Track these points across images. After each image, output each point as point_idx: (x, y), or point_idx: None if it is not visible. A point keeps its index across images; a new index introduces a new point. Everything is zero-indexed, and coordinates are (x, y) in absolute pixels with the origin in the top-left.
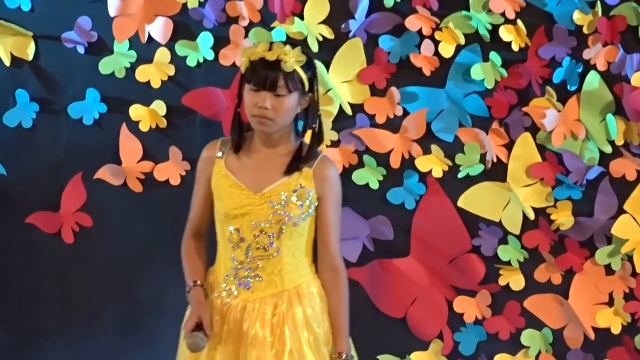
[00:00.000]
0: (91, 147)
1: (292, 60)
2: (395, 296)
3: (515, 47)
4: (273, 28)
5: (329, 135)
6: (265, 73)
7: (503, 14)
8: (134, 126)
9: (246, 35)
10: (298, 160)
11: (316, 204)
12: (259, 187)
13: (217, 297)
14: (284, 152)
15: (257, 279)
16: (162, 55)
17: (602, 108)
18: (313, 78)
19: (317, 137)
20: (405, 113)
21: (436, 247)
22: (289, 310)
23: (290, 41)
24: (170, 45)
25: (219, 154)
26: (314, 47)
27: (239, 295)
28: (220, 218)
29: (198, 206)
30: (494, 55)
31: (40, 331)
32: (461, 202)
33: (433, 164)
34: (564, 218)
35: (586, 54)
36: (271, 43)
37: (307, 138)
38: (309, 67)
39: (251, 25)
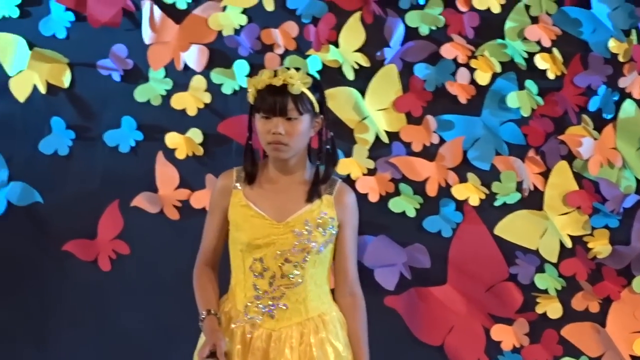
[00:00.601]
0: (127, 175)
1: (299, 82)
2: (433, 324)
3: (551, 75)
4: (308, 56)
5: (366, 163)
6: (273, 99)
7: (539, 42)
8: (170, 154)
9: (281, 63)
10: (317, 186)
11: (337, 231)
12: (282, 216)
13: (237, 327)
14: (302, 178)
15: (282, 307)
16: (198, 83)
17: (638, 136)
18: (322, 100)
19: (332, 159)
20: (442, 141)
21: (473, 275)
22: (316, 336)
23: (293, 67)
24: (205, 73)
25: (236, 184)
26: (350, 75)
27: (263, 324)
28: (240, 248)
29: (212, 236)
30: (529, 84)
31: (77, 359)
32: (498, 231)
33: (470, 192)
34: (601, 246)
35: (622, 82)
36: (275, 70)
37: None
38: (316, 88)
39: (286, 53)
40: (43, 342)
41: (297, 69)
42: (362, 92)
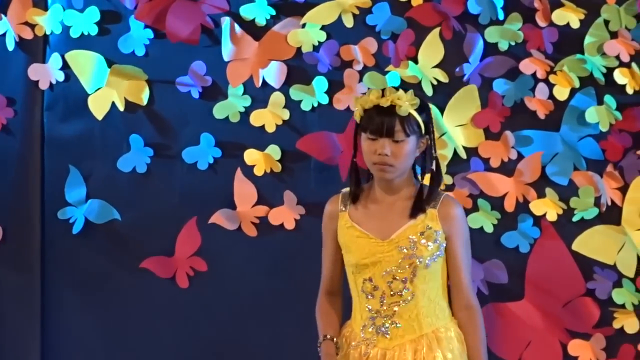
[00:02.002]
0: (206, 192)
1: (407, 104)
2: (510, 339)
3: (629, 90)
4: (387, 72)
5: (444, 179)
6: (381, 120)
7: (617, 57)
8: (248, 171)
9: (360, 80)
10: (421, 202)
11: (445, 244)
12: (386, 234)
13: (355, 348)
14: (406, 196)
15: (395, 325)
16: (277, 99)
17: None
18: (428, 120)
19: (437, 179)
20: (520, 157)
21: (550, 290)
22: (429, 354)
23: (401, 86)
24: (284, 89)
25: (342, 207)
26: (428, 91)
27: (377, 344)
28: (351, 270)
29: (329, 263)
30: (608, 99)
31: None
32: (576, 246)
33: (547, 207)
34: None
35: None
36: (383, 90)
37: (426, 180)
38: (423, 109)
39: (365, 69)
40: (121, 359)
41: (405, 89)
42: (441, 108)
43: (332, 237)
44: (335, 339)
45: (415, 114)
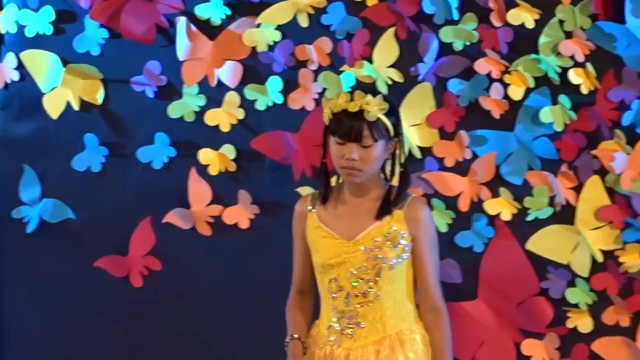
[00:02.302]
0: (160, 191)
1: (375, 109)
2: (463, 339)
3: (584, 90)
4: (342, 72)
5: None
6: (349, 124)
7: (572, 57)
8: (203, 170)
9: (315, 79)
10: (388, 204)
11: (411, 246)
12: (352, 234)
13: (321, 349)
14: (373, 197)
15: (359, 326)
16: (232, 99)
17: None
18: (397, 123)
19: (405, 180)
20: (474, 156)
21: (504, 290)
22: (391, 356)
23: (370, 88)
24: (239, 89)
25: (310, 207)
26: (384, 91)
27: (342, 344)
28: (318, 270)
29: (299, 263)
30: (563, 99)
31: None
32: (530, 245)
33: (502, 207)
34: (632, 261)
35: None
36: (351, 93)
37: (395, 182)
38: (392, 113)
39: (320, 69)
40: (77, 357)
41: (374, 93)
42: None
43: (301, 237)
44: (302, 339)
45: (384, 118)
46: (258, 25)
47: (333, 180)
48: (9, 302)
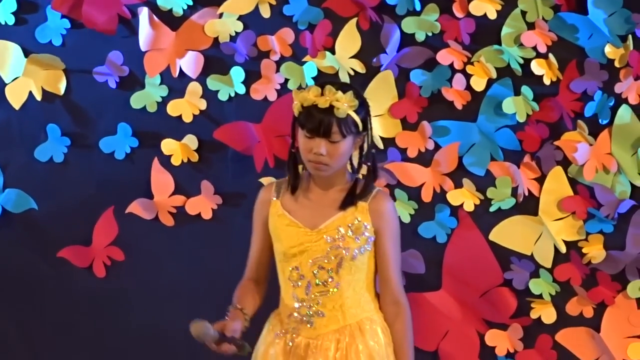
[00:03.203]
0: (123, 182)
1: (345, 106)
2: (427, 330)
3: (546, 81)
4: (305, 62)
5: (361, 169)
6: (318, 119)
7: (535, 48)
8: (165, 160)
9: (277, 70)
10: (353, 196)
11: (373, 238)
12: (315, 223)
13: (280, 337)
14: (339, 188)
15: (319, 315)
16: (194, 89)
17: (633, 142)
18: (366, 117)
19: (373, 173)
20: (437, 147)
21: (468, 280)
22: (352, 344)
23: (340, 83)
24: (201, 79)
25: (275, 195)
26: (346, 81)
27: (301, 333)
28: (279, 258)
29: (255, 250)
30: (525, 89)
31: None
32: (493, 236)
33: (465, 197)
34: (595, 251)
35: (618, 88)
36: (322, 87)
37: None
38: (362, 108)
39: (282, 59)
40: (39, 349)
41: (345, 89)
42: None
43: (262, 224)
44: (244, 310)
45: (354, 114)
46: (220, 16)
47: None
48: None
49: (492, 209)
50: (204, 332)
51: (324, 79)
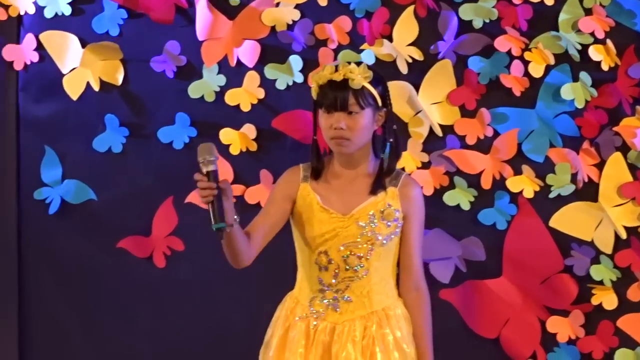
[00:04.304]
0: (181, 172)
1: (359, 77)
2: (488, 317)
3: (605, 67)
4: (362, 50)
5: (420, 157)
6: (334, 94)
7: (592, 34)
8: (224, 150)
9: (335, 58)
10: (381, 178)
11: (402, 223)
12: (347, 209)
13: (302, 320)
14: (366, 171)
15: (346, 300)
16: (252, 78)
17: None
18: (385, 93)
19: (395, 152)
20: (496, 134)
21: (528, 267)
22: (379, 331)
23: (355, 62)
24: (259, 68)
25: (303, 178)
26: (403, 69)
27: (327, 317)
28: (304, 242)
29: (265, 220)
30: (583, 75)
31: (132, 356)
32: (553, 222)
33: (524, 184)
34: None
35: None
36: (336, 65)
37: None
38: (377, 82)
39: (340, 47)
40: (99, 338)
41: (359, 63)
42: (416, 86)
43: (283, 197)
44: (237, 219)
45: (369, 86)
46: (277, 4)
47: None
48: (32, 284)
49: (551, 196)
50: (210, 149)
51: (381, 67)
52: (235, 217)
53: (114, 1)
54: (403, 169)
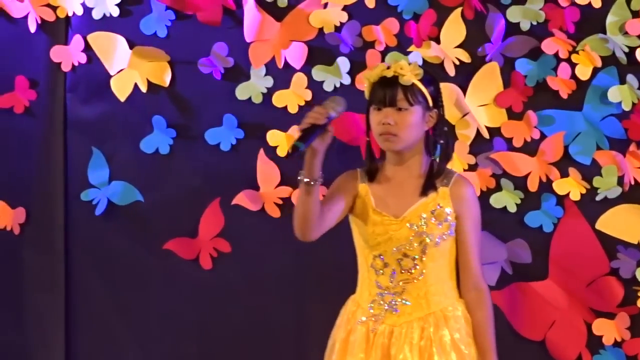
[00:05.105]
0: (229, 173)
1: (409, 73)
2: (534, 319)
3: None
4: (409, 52)
5: (467, 159)
6: (384, 90)
7: (639, 37)
8: (271, 151)
9: (382, 60)
10: (431, 179)
11: (455, 223)
12: (399, 211)
13: (362, 324)
14: (417, 173)
15: (404, 302)
16: (299, 80)
17: None
18: (437, 94)
19: (445, 154)
20: (543, 136)
21: (574, 270)
22: (437, 333)
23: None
24: (306, 70)
25: (362, 180)
26: (451, 71)
27: (385, 320)
28: (361, 245)
29: (328, 199)
30: (631, 78)
31: (177, 357)
32: (599, 225)
33: (571, 186)
34: None
35: None
36: (388, 64)
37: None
38: (429, 82)
39: (387, 49)
40: (145, 339)
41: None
42: (463, 88)
43: (345, 190)
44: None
45: (419, 84)
46: (325, 6)
47: None
48: (79, 285)
49: (598, 198)
50: (341, 103)
51: (429, 69)
52: (321, 174)
53: (162, 2)
54: None
